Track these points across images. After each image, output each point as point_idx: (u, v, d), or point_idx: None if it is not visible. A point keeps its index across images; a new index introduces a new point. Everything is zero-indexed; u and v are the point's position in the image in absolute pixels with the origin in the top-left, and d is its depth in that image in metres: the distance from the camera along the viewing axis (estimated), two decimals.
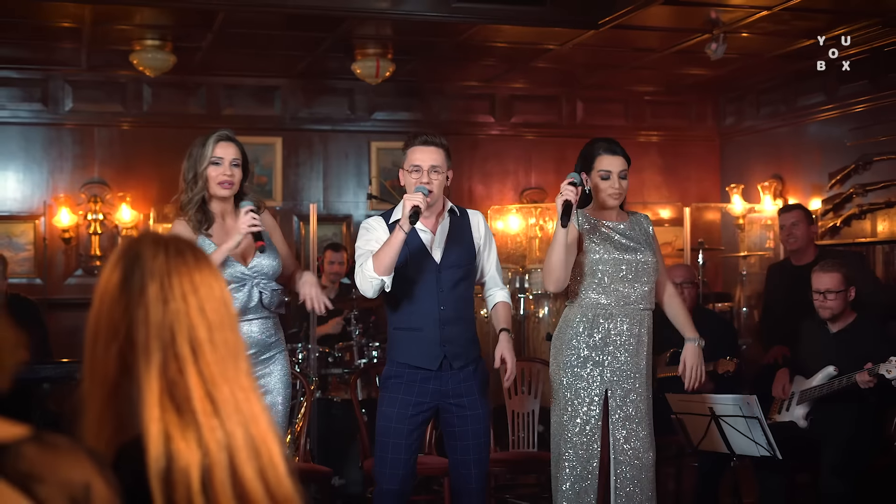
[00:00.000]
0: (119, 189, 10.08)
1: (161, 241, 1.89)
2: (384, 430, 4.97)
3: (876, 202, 9.08)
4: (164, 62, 8.93)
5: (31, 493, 1.49)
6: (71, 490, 1.51)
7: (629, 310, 5.02)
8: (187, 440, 1.74)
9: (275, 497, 1.78)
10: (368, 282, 4.81)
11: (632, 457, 4.97)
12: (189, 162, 4.86)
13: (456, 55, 9.56)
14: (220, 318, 1.84)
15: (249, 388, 1.82)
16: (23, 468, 1.52)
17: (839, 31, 8.40)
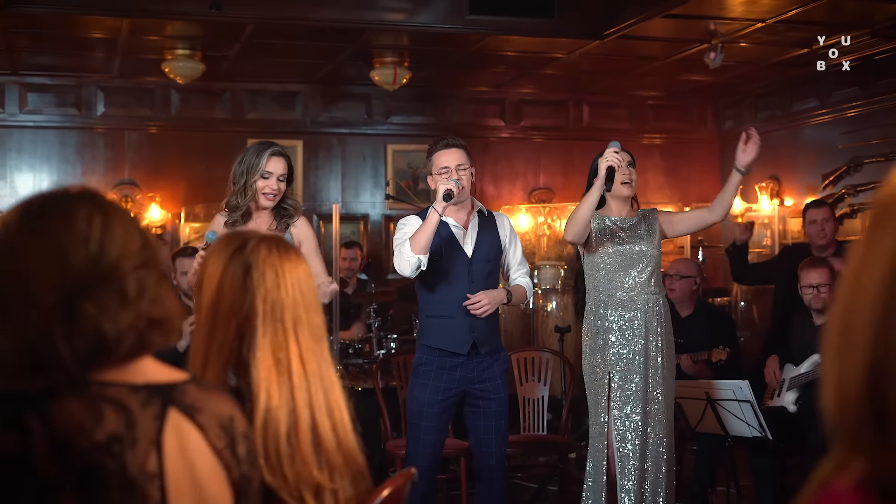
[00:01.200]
0: (148, 189, 10.56)
1: (268, 241, 2.43)
2: (416, 413, 5.48)
3: (866, 202, 9.55)
4: (193, 70, 9.41)
5: (194, 420, 1.90)
6: (220, 419, 1.92)
7: (622, 298, 5.54)
8: (282, 395, 2.30)
9: (342, 449, 2.33)
10: (406, 261, 5.28)
11: (632, 431, 5.47)
12: (241, 167, 5.21)
13: (468, 62, 10.02)
14: (314, 304, 2.39)
15: (330, 363, 2.37)
16: (187, 401, 1.91)
17: (831, 41, 8.90)
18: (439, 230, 5.36)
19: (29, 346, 1.78)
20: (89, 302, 1.81)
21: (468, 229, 5.50)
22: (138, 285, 1.86)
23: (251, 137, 10.54)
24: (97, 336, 1.81)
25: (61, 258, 1.81)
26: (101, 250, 1.82)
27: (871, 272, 1.28)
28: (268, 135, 10.55)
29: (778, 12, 8.04)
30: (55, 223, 1.83)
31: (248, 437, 1.98)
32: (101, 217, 1.87)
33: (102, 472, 1.78)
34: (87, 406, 1.80)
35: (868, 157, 9.55)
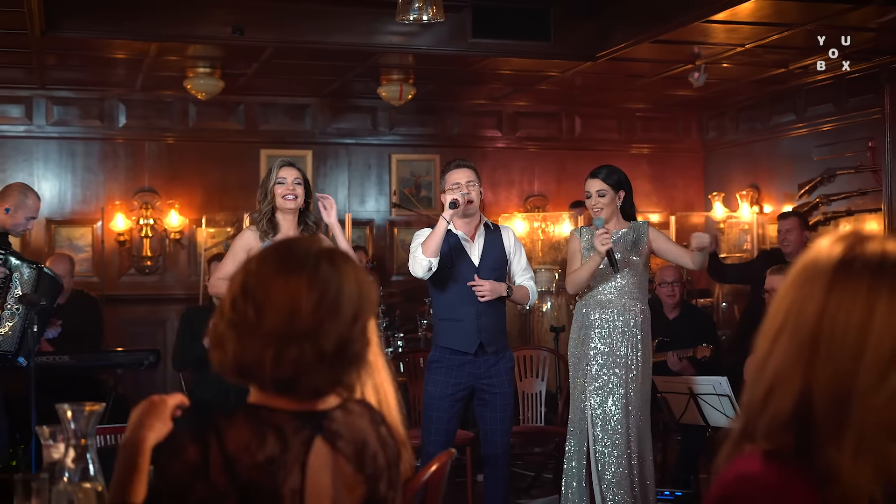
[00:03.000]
0: (167, 197, 11.12)
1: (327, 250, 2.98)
2: (429, 405, 6.16)
3: (838, 210, 10.18)
4: (214, 87, 9.99)
5: (334, 446, 2.21)
6: (356, 444, 2.24)
7: (601, 300, 6.20)
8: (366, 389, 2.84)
9: (388, 421, 2.89)
10: (419, 263, 5.97)
11: (602, 419, 6.11)
12: (261, 189, 5.94)
13: (468, 79, 10.65)
14: (374, 307, 2.93)
15: (378, 351, 2.84)
16: (333, 428, 2.22)
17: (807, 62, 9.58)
18: (449, 241, 6.03)
19: (246, 358, 2.19)
20: (296, 348, 2.16)
21: (475, 240, 6.15)
22: (338, 348, 2.18)
23: (263, 147, 11.23)
24: (291, 375, 2.17)
25: (294, 305, 2.17)
26: (322, 313, 2.17)
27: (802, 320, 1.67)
28: (279, 145, 11.23)
29: (756, 38, 8.68)
30: (302, 277, 2.18)
31: (376, 458, 2.29)
32: (337, 283, 2.20)
33: (259, 487, 2.12)
34: (255, 430, 2.15)
35: (840, 169, 10.17)
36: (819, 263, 1.68)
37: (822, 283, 1.65)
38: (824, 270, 1.66)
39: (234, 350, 2.19)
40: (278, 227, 5.88)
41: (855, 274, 1.64)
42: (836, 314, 1.62)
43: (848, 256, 1.66)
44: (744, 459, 1.65)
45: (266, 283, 2.19)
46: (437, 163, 11.65)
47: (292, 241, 2.32)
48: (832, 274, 1.65)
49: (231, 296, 2.22)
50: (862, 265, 1.65)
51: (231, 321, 2.20)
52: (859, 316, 1.61)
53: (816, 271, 1.67)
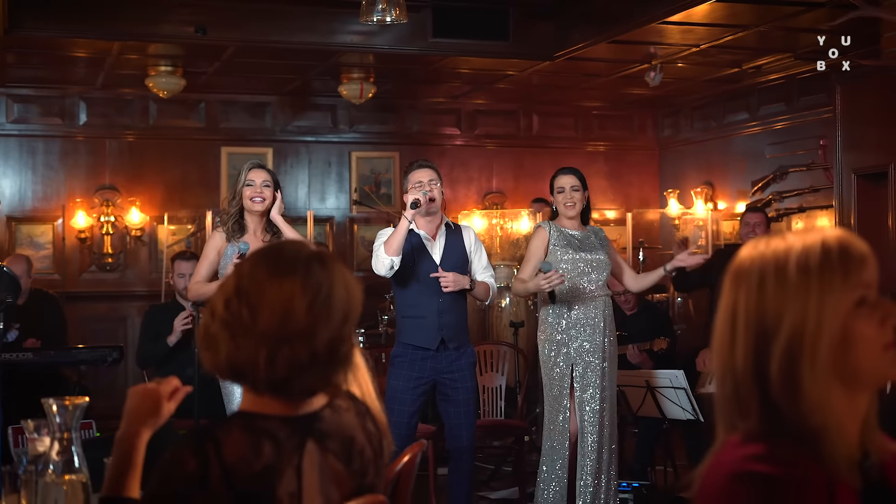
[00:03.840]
0: (129, 194, 11.15)
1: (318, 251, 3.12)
2: (392, 399, 6.23)
3: (790, 207, 10.39)
4: (175, 85, 10.03)
5: (324, 446, 2.28)
6: (344, 441, 2.33)
7: (587, 297, 6.33)
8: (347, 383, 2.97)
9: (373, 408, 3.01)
10: (381, 262, 6.07)
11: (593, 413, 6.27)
12: (230, 191, 6.07)
13: (428, 77, 10.76)
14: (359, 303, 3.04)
15: (356, 345, 2.91)
16: (322, 428, 2.29)
17: (760, 62, 9.78)
18: (411, 240, 6.14)
19: (239, 358, 2.25)
20: (289, 349, 2.22)
21: (436, 239, 6.26)
22: (329, 351, 2.26)
23: (224, 145, 11.29)
24: (284, 376, 2.24)
25: (288, 307, 2.24)
26: (314, 315, 2.24)
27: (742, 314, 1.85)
28: (239, 143, 11.29)
29: (711, 39, 8.85)
30: (295, 279, 2.26)
31: (363, 452, 2.39)
32: (328, 286, 2.27)
33: (258, 496, 2.19)
34: (251, 440, 2.21)
35: (792, 167, 10.38)
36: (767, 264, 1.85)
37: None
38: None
39: (228, 350, 2.25)
40: (245, 228, 5.99)
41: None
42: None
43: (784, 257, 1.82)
44: (741, 442, 1.79)
45: (260, 284, 2.26)
46: (397, 160, 11.76)
47: (283, 244, 2.39)
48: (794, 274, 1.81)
49: (224, 297, 2.28)
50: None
51: (224, 322, 2.26)
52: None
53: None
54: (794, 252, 1.81)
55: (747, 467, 1.73)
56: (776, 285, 1.80)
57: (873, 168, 6.99)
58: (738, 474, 1.73)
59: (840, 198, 7.38)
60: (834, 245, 1.81)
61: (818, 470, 1.74)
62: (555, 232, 6.41)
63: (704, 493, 1.78)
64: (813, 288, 1.78)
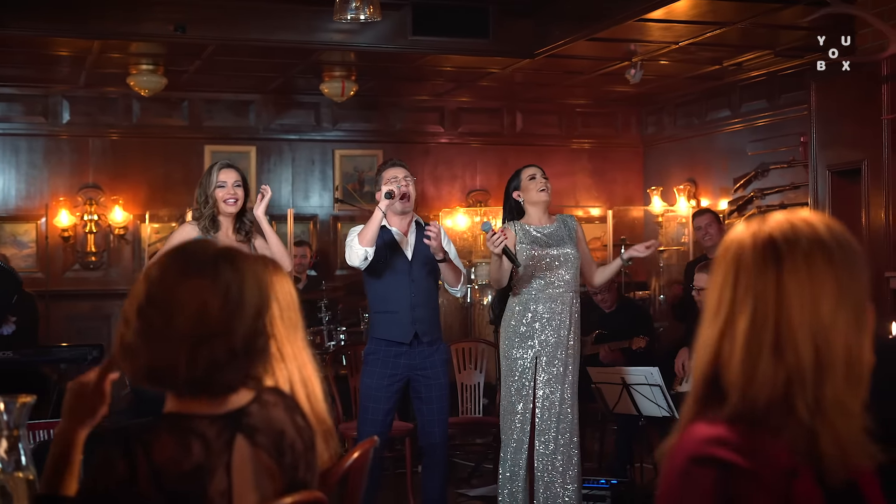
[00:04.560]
0: (112, 193, 11.18)
1: (256, 257, 3.16)
2: (366, 396, 6.28)
3: (772, 204, 10.40)
4: (157, 83, 10.05)
5: (254, 441, 2.31)
6: (273, 435, 2.35)
7: (552, 293, 6.33)
8: (267, 377, 2.98)
9: (315, 412, 3.08)
10: (355, 252, 6.10)
11: (550, 408, 6.24)
12: (200, 189, 5.97)
13: (411, 75, 10.77)
14: (288, 303, 3.09)
15: (303, 347, 3.07)
16: (251, 423, 2.32)
17: (740, 59, 9.81)
18: (383, 236, 6.17)
19: (158, 364, 2.27)
20: (207, 348, 2.25)
21: (408, 236, 6.30)
22: (246, 346, 2.30)
23: (207, 143, 11.31)
24: (204, 375, 2.27)
25: (202, 307, 2.26)
26: (228, 313, 2.28)
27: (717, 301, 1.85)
28: (223, 141, 11.31)
29: (690, 36, 8.88)
30: (205, 279, 2.29)
31: (294, 446, 2.41)
32: (238, 283, 2.31)
33: (188, 496, 2.22)
34: (179, 440, 2.23)
35: (773, 164, 10.39)
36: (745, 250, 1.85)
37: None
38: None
39: (146, 358, 2.27)
40: (219, 226, 5.99)
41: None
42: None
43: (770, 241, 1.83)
44: (705, 425, 1.78)
45: (170, 288, 2.28)
46: (381, 158, 11.76)
47: (188, 244, 2.41)
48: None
49: (136, 305, 2.30)
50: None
51: (139, 330, 2.28)
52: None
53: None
54: (789, 230, 1.84)
55: (708, 451, 1.73)
56: (776, 269, 1.81)
57: (847, 165, 7.00)
58: (698, 457, 1.74)
59: (815, 194, 7.39)
60: (823, 229, 1.85)
61: (782, 459, 1.74)
62: (520, 231, 6.42)
63: (666, 472, 1.79)
64: (812, 270, 1.80)
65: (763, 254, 1.81)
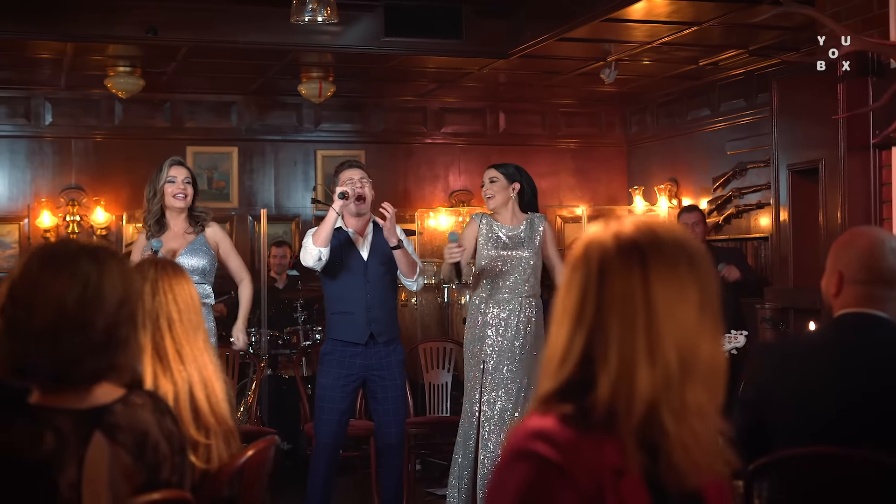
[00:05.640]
0: (94, 194, 11.22)
1: (154, 261, 3.27)
2: (321, 396, 6.31)
3: (749, 203, 10.41)
4: (134, 85, 10.10)
5: (114, 439, 2.35)
6: (136, 435, 2.40)
7: (501, 298, 6.34)
8: (165, 378, 3.10)
9: (215, 414, 3.14)
10: (309, 253, 6.13)
11: (497, 414, 6.26)
12: (150, 186, 6.14)
13: (391, 76, 10.78)
14: (187, 305, 3.19)
15: (203, 349, 3.17)
16: (113, 421, 2.37)
17: (717, 58, 9.80)
18: (339, 237, 6.20)
19: (23, 360, 2.34)
20: (67, 340, 2.32)
21: (364, 237, 6.33)
22: (106, 334, 2.37)
23: (189, 144, 11.35)
24: (65, 366, 2.33)
25: (60, 300, 2.34)
26: (86, 305, 2.35)
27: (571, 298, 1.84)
28: (205, 142, 11.36)
29: (661, 36, 8.87)
30: (64, 273, 2.36)
31: (158, 447, 2.44)
32: (97, 275, 2.38)
33: (36, 485, 2.28)
34: (32, 430, 2.29)
35: (751, 163, 10.37)
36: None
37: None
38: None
39: (11, 353, 2.35)
40: (166, 227, 6.11)
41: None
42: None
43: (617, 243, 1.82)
44: (539, 419, 1.77)
45: (31, 284, 2.36)
46: (363, 159, 11.78)
47: (52, 243, 2.53)
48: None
49: (0, 305, 2.37)
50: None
51: (4, 329, 2.36)
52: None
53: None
54: (637, 232, 1.82)
55: (528, 445, 1.73)
56: (623, 268, 1.80)
57: (806, 164, 7.00)
58: (518, 450, 1.74)
59: (777, 195, 7.40)
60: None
61: (606, 458, 1.73)
62: (485, 226, 6.43)
63: (497, 463, 1.78)
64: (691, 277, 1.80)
65: (629, 257, 1.79)
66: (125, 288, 2.42)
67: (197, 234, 6.14)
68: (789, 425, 3.29)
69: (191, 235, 6.14)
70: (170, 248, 6.01)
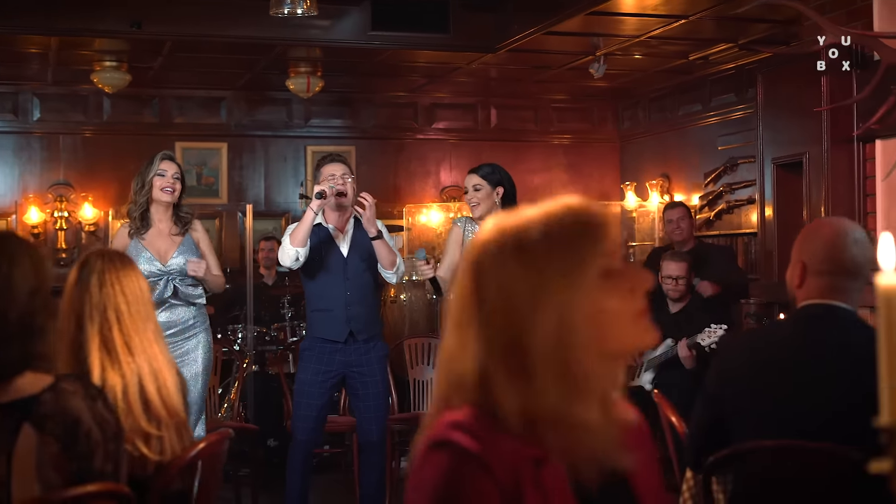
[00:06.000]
0: (82, 190, 11.18)
1: (102, 253, 3.22)
2: (299, 392, 6.24)
3: (740, 199, 10.34)
4: (120, 80, 10.05)
5: (43, 429, 2.34)
6: (66, 424, 2.38)
7: None
8: (113, 370, 3.07)
9: (166, 406, 3.12)
10: (286, 253, 6.05)
11: None
12: (139, 178, 6.07)
13: (380, 71, 10.72)
14: (136, 297, 3.15)
15: (153, 340, 3.15)
16: (42, 412, 2.36)
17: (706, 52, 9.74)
18: (319, 234, 6.12)
19: None
20: None
21: (345, 233, 6.26)
22: (21, 325, 2.37)
23: (178, 140, 11.31)
24: None
25: None
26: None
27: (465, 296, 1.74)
28: (194, 138, 11.32)
29: (649, 29, 8.80)
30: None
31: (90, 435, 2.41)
32: (7, 266, 2.38)
33: None
34: None
35: (741, 158, 10.29)
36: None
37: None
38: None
39: None
40: (150, 222, 6.04)
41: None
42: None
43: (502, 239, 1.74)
44: (454, 412, 1.71)
45: None
46: (353, 154, 11.75)
47: None
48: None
49: None
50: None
51: None
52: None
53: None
54: (532, 224, 1.73)
55: (446, 434, 1.66)
56: (517, 263, 1.70)
57: (790, 158, 6.95)
58: (436, 440, 1.68)
59: (762, 190, 7.34)
60: (568, 217, 1.73)
61: (525, 448, 1.67)
62: (469, 231, 6.36)
63: (413, 456, 1.74)
64: (555, 264, 1.69)
65: (514, 254, 1.71)
66: (37, 276, 2.41)
67: (183, 234, 6.10)
68: (751, 418, 3.24)
69: (177, 237, 6.09)
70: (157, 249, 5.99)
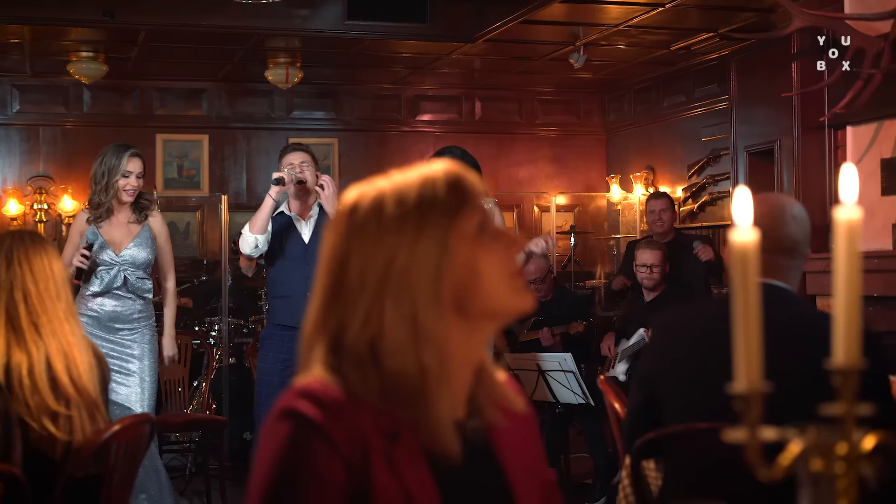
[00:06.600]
0: (62, 182, 11.09)
1: (13, 232, 3.16)
2: (261, 381, 6.20)
3: (723, 191, 10.26)
4: (97, 71, 9.98)
5: None
6: None
7: None
8: (19, 349, 3.01)
9: (76, 385, 3.06)
10: (245, 240, 6.05)
11: None
12: (101, 168, 5.94)
13: (361, 62, 10.65)
14: (45, 276, 3.10)
15: (63, 319, 3.09)
16: None
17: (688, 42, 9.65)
18: (280, 221, 6.08)
19: None
20: None
21: (306, 220, 6.21)
22: None
23: (159, 132, 11.25)
24: None
25: None
26: None
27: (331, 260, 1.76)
28: (175, 130, 11.25)
29: (626, 18, 8.72)
30: None
31: None
32: None
33: None
34: None
35: (724, 150, 10.11)
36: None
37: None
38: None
39: None
40: (112, 213, 5.97)
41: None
42: None
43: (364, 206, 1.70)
44: (309, 378, 1.66)
45: None
46: (335, 147, 11.69)
47: None
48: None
49: None
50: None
51: None
52: None
53: None
54: (394, 189, 1.70)
55: (292, 403, 1.60)
56: (377, 224, 1.66)
57: (761, 145, 6.87)
58: (283, 409, 1.61)
59: (735, 176, 7.26)
60: (438, 176, 1.71)
61: (376, 421, 1.61)
62: None
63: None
64: (419, 222, 1.66)
65: (406, 201, 1.68)
66: None
67: (141, 223, 6.01)
68: (682, 400, 3.15)
69: (135, 226, 6.00)
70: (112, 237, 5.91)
